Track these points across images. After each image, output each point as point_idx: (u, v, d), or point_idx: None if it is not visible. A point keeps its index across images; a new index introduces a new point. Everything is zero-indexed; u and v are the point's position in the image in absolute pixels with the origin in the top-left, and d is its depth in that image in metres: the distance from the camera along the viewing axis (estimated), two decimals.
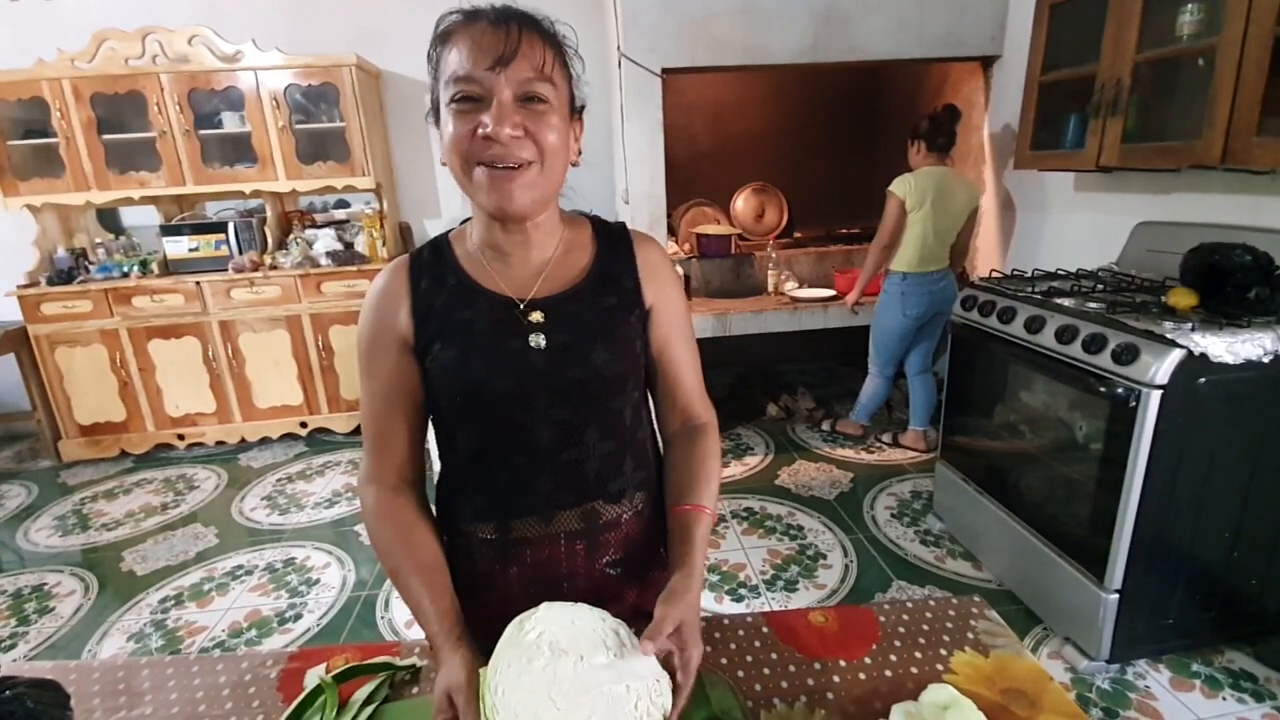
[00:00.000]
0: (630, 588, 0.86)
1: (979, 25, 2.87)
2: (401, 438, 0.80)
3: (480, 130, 0.66)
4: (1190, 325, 1.53)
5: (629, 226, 0.87)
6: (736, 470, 2.98)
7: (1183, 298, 1.65)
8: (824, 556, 2.31)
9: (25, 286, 3.18)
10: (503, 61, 0.66)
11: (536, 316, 0.76)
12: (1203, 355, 1.46)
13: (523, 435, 0.76)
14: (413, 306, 0.77)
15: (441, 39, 0.69)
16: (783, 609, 1.95)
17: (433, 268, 0.79)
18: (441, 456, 0.85)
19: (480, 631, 0.85)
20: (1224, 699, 1.62)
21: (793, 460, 3.05)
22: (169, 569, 2.42)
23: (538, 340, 0.75)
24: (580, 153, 0.77)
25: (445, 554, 0.83)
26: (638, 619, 0.89)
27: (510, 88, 0.66)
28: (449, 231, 0.84)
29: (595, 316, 0.78)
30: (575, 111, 0.75)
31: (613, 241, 0.84)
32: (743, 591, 2.14)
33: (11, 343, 3.20)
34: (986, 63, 3.01)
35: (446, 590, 0.75)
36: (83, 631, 2.10)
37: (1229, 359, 1.46)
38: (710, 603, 2.09)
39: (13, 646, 2.05)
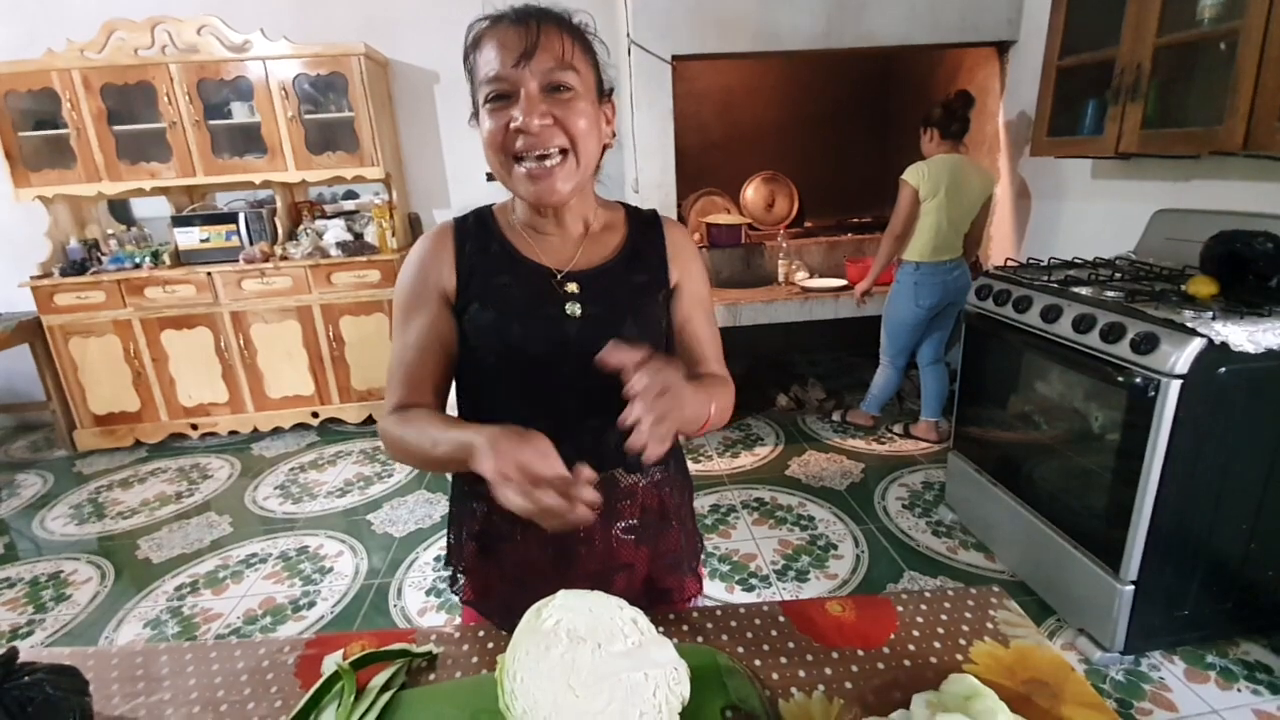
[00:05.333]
0: (643, 555, 0.88)
1: (995, 10, 2.83)
2: (430, 381, 0.82)
3: (511, 124, 0.70)
4: (1210, 314, 1.50)
5: (659, 213, 0.91)
6: (746, 461, 2.98)
7: (1203, 286, 1.62)
8: (835, 547, 2.30)
9: (38, 277, 3.20)
10: (526, 55, 0.70)
11: (572, 287, 0.80)
12: (1223, 344, 1.43)
13: (549, 401, 0.80)
14: (457, 265, 0.81)
15: (474, 45, 0.74)
16: (794, 599, 1.95)
17: (477, 233, 0.83)
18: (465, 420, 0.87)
19: (498, 591, 0.88)
20: (1239, 690, 1.61)
21: (803, 451, 3.04)
22: (184, 557, 2.44)
23: (573, 309, 0.79)
24: (614, 134, 0.82)
25: (465, 515, 0.88)
26: (650, 593, 0.91)
27: (536, 79, 0.70)
28: (492, 205, 0.87)
29: (626, 292, 0.83)
30: (604, 95, 0.79)
31: (644, 223, 0.89)
32: (754, 581, 2.14)
33: (26, 333, 3.22)
34: (1002, 48, 2.97)
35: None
36: (99, 618, 2.13)
37: (1250, 348, 1.43)
38: (721, 592, 2.09)
39: (30, 633, 2.08)
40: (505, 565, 0.86)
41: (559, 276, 0.80)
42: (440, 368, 0.82)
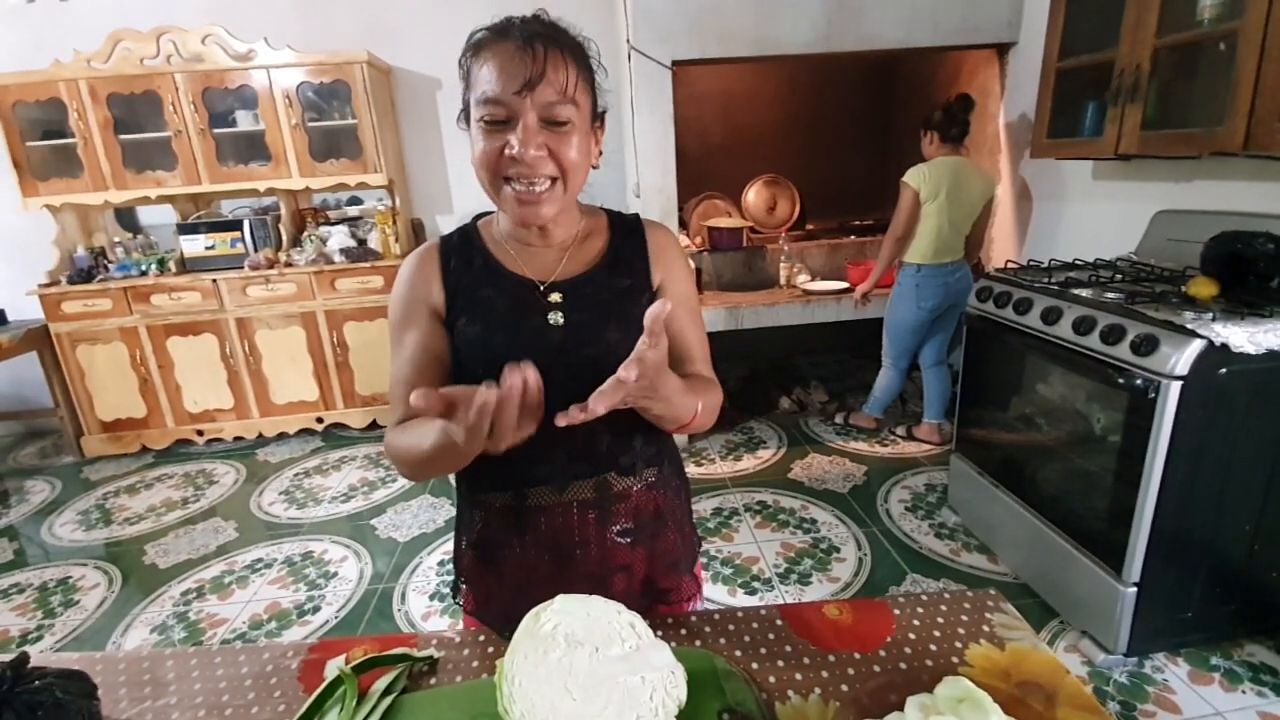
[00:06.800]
0: (640, 556, 0.89)
1: (994, 12, 2.83)
2: None
3: (507, 151, 0.72)
4: (1211, 315, 1.50)
5: (641, 217, 0.92)
6: (749, 463, 2.98)
7: (1203, 287, 1.62)
8: (837, 550, 2.30)
9: (46, 285, 3.23)
10: (529, 86, 0.70)
11: (555, 297, 0.81)
12: (1224, 346, 1.43)
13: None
14: (444, 282, 0.83)
15: (473, 50, 0.74)
16: (796, 602, 1.96)
17: (461, 250, 0.85)
18: None
19: (495, 596, 0.89)
20: (1244, 692, 1.60)
21: (806, 453, 3.04)
22: (190, 562, 2.46)
23: (556, 318, 0.80)
24: (601, 154, 0.83)
25: (465, 524, 0.90)
26: (648, 595, 0.92)
27: (535, 110, 0.71)
28: (477, 219, 0.89)
29: (609, 297, 0.83)
30: (597, 118, 0.80)
31: (626, 228, 0.89)
32: (756, 584, 2.14)
33: (34, 341, 3.25)
34: (1002, 50, 2.97)
35: None
36: (107, 624, 2.14)
37: (1251, 349, 1.43)
38: (723, 595, 2.10)
39: (39, 638, 2.09)
40: (504, 572, 0.87)
41: (541, 288, 0.81)
42: (437, 381, 0.83)
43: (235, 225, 3.33)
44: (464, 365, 0.82)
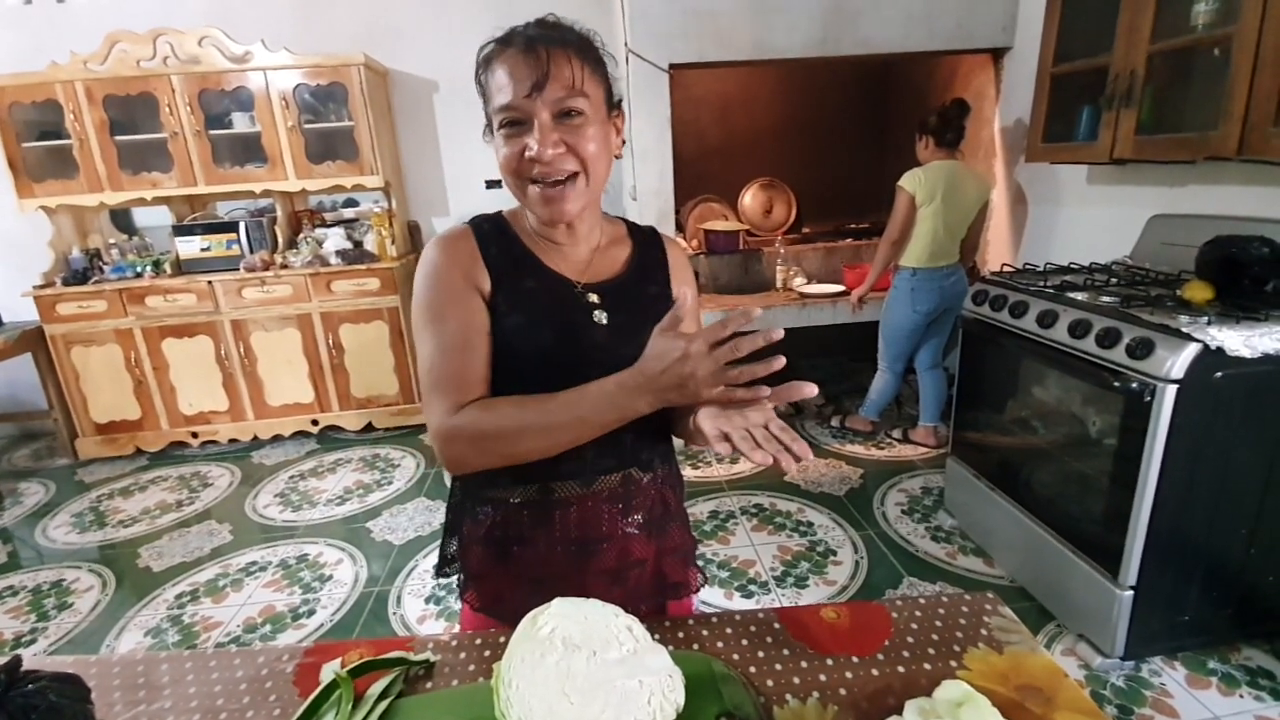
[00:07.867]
0: (653, 550, 0.90)
1: (990, 17, 2.85)
2: (483, 377, 0.79)
3: (527, 153, 0.74)
4: (1206, 319, 1.51)
5: (657, 230, 0.96)
6: (745, 466, 2.98)
7: (1198, 291, 1.63)
8: (834, 553, 2.30)
9: (41, 287, 3.22)
10: (537, 87, 0.72)
11: (593, 297, 0.83)
12: (1219, 349, 1.44)
13: None
14: (487, 265, 0.81)
15: (484, 64, 0.76)
16: (793, 605, 1.95)
17: (498, 239, 0.84)
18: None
19: (509, 592, 0.89)
20: (1241, 696, 1.61)
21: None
22: (184, 565, 2.45)
23: (600, 317, 0.82)
24: (624, 143, 0.84)
25: (467, 522, 0.89)
26: (661, 587, 0.92)
27: (547, 109, 0.73)
28: (502, 211, 0.89)
29: (644, 302, 0.86)
30: (614, 107, 0.82)
31: (647, 240, 0.93)
32: (752, 588, 2.14)
33: (28, 342, 3.24)
34: (997, 55, 2.99)
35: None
36: (100, 627, 2.13)
37: (1246, 353, 1.44)
38: (720, 599, 2.09)
39: (32, 641, 2.08)
40: (518, 568, 0.87)
41: (579, 287, 0.83)
42: (487, 362, 0.80)
43: (231, 227, 3.32)
44: (505, 354, 0.79)
